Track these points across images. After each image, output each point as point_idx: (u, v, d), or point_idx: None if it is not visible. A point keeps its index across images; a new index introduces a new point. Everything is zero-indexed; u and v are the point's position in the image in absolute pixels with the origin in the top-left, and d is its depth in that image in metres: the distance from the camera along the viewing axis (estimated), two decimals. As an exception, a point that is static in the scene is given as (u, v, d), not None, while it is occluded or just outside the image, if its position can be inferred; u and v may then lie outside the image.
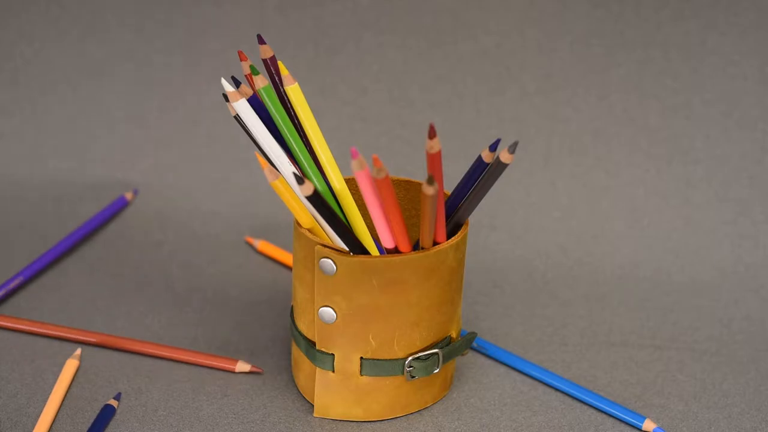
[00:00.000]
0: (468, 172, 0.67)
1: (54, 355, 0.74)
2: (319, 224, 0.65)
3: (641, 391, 0.73)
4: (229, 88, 0.64)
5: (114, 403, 0.69)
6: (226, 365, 0.73)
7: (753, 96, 0.89)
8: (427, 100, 0.93)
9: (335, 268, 0.65)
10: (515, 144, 0.63)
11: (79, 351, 0.73)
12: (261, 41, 0.66)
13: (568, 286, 0.84)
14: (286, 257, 0.85)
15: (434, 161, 0.62)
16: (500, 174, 0.65)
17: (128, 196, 0.91)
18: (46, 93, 0.95)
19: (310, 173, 0.66)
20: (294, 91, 0.66)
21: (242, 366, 0.73)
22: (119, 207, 0.90)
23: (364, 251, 0.66)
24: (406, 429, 0.69)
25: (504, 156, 0.64)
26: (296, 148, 0.66)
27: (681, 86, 0.90)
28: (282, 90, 0.67)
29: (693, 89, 0.90)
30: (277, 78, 0.67)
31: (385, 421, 0.70)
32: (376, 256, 0.65)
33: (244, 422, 0.69)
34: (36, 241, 0.87)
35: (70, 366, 0.72)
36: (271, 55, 0.67)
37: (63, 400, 0.70)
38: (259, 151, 0.67)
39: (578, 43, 0.91)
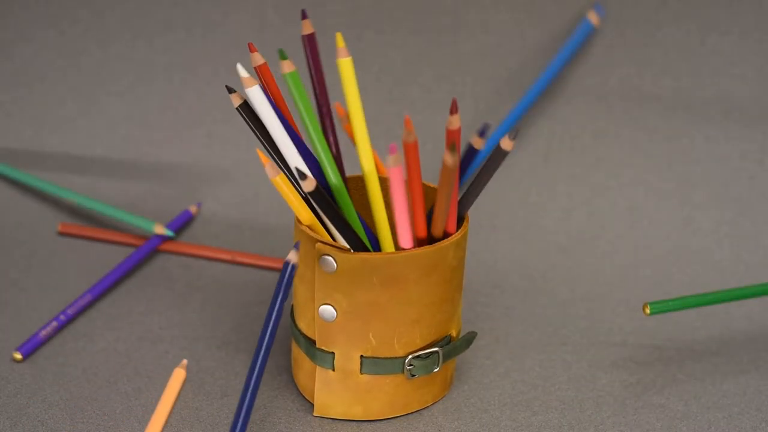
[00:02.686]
0: (461, 162, 0.66)
1: (54, 356, 0.74)
2: (321, 222, 0.65)
3: (641, 391, 0.73)
4: (244, 73, 0.63)
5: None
6: None
7: (753, 96, 0.89)
8: (427, 100, 0.92)
9: (336, 265, 0.65)
10: (516, 130, 0.63)
11: (185, 362, 0.73)
12: (304, 16, 0.65)
13: (568, 286, 0.84)
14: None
15: (453, 138, 0.61)
16: (501, 162, 0.65)
17: (193, 209, 0.90)
18: (46, 93, 0.95)
19: (327, 165, 0.65)
20: (345, 64, 0.65)
21: None
22: (185, 220, 0.89)
23: (365, 248, 0.66)
24: (406, 428, 0.69)
25: (504, 143, 0.64)
26: (315, 138, 0.65)
27: (681, 86, 0.90)
28: (313, 70, 0.66)
29: (693, 89, 0.89)
30: (310, 57, 0.66)
31: (385, 421, 0.70)
32: (376, 253, 0.65)
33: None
34: (34, 241, 0.87)
35: (178, 376, 0.71)
36: (311, 31, 0.66)
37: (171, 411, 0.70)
38: (262, 145, 0.66)
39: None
